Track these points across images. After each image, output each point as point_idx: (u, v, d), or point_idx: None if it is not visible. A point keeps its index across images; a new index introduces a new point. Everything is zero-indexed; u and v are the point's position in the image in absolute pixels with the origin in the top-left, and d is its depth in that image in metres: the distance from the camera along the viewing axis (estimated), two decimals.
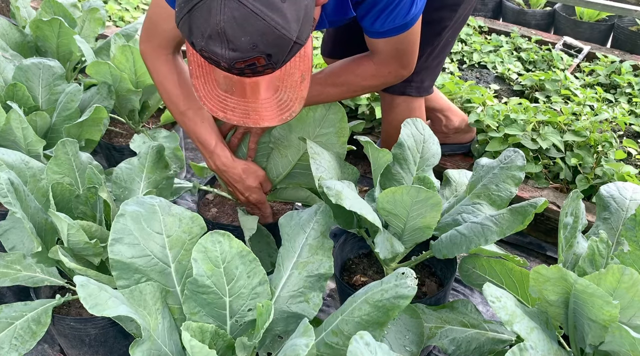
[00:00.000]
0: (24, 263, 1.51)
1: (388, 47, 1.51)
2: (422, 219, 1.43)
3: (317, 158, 1.53)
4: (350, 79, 1.60)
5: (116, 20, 3.58)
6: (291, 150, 1.74)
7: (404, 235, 1.51)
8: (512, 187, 1.48)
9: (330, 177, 1.54)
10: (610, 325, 1.07)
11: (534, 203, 1.31)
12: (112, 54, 2.22)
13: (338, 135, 1.66)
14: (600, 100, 2.52)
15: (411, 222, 1.44)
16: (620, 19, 3.67)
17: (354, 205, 1.32)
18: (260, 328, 1.17)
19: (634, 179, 2.01)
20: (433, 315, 1.45)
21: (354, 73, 1.60)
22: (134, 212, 1.25)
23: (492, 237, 1.33)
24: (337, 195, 1.32)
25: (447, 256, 1.41)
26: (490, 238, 1.33)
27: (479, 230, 1.37)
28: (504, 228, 1.33)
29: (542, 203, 1.30)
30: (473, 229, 1.39)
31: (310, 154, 1.53)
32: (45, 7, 2.56)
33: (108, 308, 1.04)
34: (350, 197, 1.35)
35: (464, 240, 1.38)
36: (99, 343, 1.55)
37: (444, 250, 1.43)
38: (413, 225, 1.46)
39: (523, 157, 1.51)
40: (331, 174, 1.55)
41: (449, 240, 1.43)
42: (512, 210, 1.35)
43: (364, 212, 1.34)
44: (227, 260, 1.22)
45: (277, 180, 1.83)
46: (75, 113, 2.03)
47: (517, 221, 1.32)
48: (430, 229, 1.47)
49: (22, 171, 1.55)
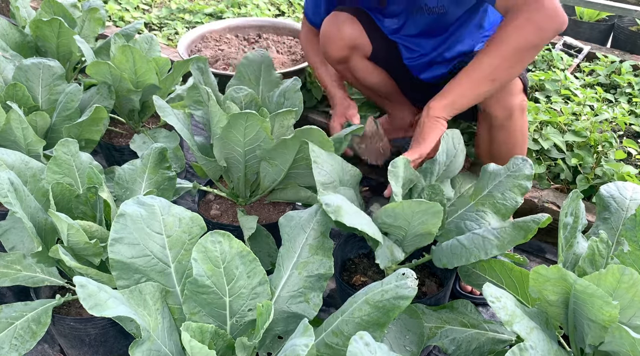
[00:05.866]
0: (24, 263, 1.52)
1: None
2: (424, 226, 1.43)
3: (319, 161, 1.53)
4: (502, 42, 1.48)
5: (116, 20, 3.58)
6: (279, 160, 1.74)
7: (405, 241, 1.51)
8: (518, 196, 1.47)
9: (332, 180, 1.54)
10: (610, 325, 1.07)
11: (537, 219, 1.32)
12: (112, 54, 2.22)
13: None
14: (600, 100, 2.52)
15: (412, 229, 1.45)
16: (620, 19, 3.67)
17: (353, 222, 1.31)
18: (260, 328, 1.17)
19: (634, 179, 2.01)
20: (433, 315, 1.45)
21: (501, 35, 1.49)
22: (134, 212, 1.25)
23: (492, 251, 1.33)
24: (337, 212, 1.31)
25: (446, 266, 1.42)
26: (490, 252, 1.33)
27: (479, 243, 1.36)
28: (505, 242, 1.32)
29: (546, 219, 1.30)
30: (474, 240, 1.38)
31: (313, 158, 1.52)
32: (45, 7, 2.56)
33: (108, 308, 1.04)
34: (350, 212, 1.34)
35: (464, 252, 1.38)
36: (99, 343, 1.55)
37: (443, 259, 1.43)
38: (415, 232, 1.46)
39: (531, 166, 1.49)
40: (333, 177, 1.54)
41: (449, 249, 1.43)
42: (514, 225, 1.35)
43: (365, 227, 1.32)
44: (227, 260, 1.22)
45: (273, 185, 1.84)
46: (75, 113, 2.03)
47: (519, 236, 1.32)
48: (432, 235, 1.47)
49: (22, 171, 1.55)
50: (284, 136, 1.79)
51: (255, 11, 3.65)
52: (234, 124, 1.66)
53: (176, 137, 2.23)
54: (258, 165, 1.80)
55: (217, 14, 3.68)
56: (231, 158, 1.80)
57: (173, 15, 3.71)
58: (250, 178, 1.89)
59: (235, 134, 1.69)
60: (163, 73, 2.27)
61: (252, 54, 2.04)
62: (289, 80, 1.96)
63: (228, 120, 1.65)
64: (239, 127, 1.67)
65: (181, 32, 3.45)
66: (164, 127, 2.39)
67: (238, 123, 1.66)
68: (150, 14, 3.71)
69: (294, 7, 3.80)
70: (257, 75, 2.03)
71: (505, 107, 1.67)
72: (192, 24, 3.57)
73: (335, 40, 1.96)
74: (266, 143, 1.72)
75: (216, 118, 1.70)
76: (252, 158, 1.78)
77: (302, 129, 1.59)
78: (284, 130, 1.81)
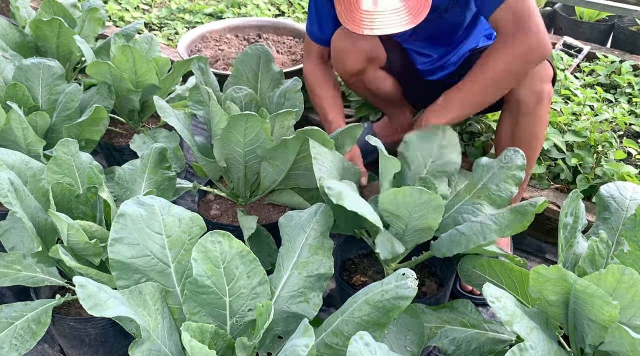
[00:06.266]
0: (24, 263, 1.52)
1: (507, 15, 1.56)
2: (424, 221, 1.43)
3: (320, 158, 1.53)
4: (489, 69, 1.59)
5: (116, 20, 3.58)
6: (279, 160, 1.74)
7: (406, 235, 1.51)
8: (512, 186, 1.49)
9: (333, 177, 1.54)
10: (610, 325, 1.07)
11: (534, 202, 1.32)
12: (112, 54, 2.22)
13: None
14: (600, 100, 2.52)
15: (413, 222, 1.44)
16: (620, 19, 3.67)
17: (354, 206, 1.32)
18: (260, 328, 1.17)
19: (634, 179, 2.01)
20: (433, 315, 1.45)
21: (488, 63, 1.59)
22: (134, 212, 1.25)
23: (491, 235, 1.33)
24: (338, 195, 1.32)
25: (446, 254, 1.41)
26: (489, 236, 1.33)
27: (478, 229, 1.37)
28: (503, 227, 1.33)
29: (542, 203, 1.30)
30: (472, 228, 1.39)
31: (313, 154, 1.52)
32: (45, 7, 2.56)
33: (107, 308, 1.04)
34: (351, 197, 1.35)
35: (463, 239, 1.38)
36: (99, 343, 1.55)
37: (443, 248, 1.43)
38: (415, 226, 1.46)
39: (523, 156, 1.51)
40: (333, 174, 1.55)
41: (448, 238, 1.43)
42: (511, 209, 1.35)
43: (365, 212, 1.33)
44: (227, 260, 1.22)
45: (273, 186, 1.84)
46: (75, 113, 2.03)
47: (517, 220, 1.32)
48: (432, 230, 1.47)
49: (22, 171, 1.55)
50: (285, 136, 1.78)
51: (255, 11, 3.65)
52: (234, 125, 1.66)
53: (176, 137, 2.23)
54: (258, 165, 1.80)
55: (217, 14, 3.68)
56: (231, 158, 1.80)
57: (173, 15, 3.71)
58: (250, 179, 1.89)
59: (236, 135, 1.69)
60: (163, 73, 2.27)
61: (250, 48, 2.02)
62: (290, 81, 1.96)
63: (228, 122, 1.65)
64: (239, 128, 1.67)
65: (181, 32, 3.44)
66: (164, 127, 2.39)
67: (238, 125, 1.66)
68: (150, 14, 3.71)
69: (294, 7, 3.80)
70: (255, 72, 2.02)
71: (536, 92, 1.69)
72: (192, 24, 3.57)
73: (351, 54, 1.93)
74: (266, 144, 1.72)
75: (216, 118, 1.70)
76: (252, 158, 1.78)
77: (303, 130, 1.59)
78: (284, 131, 1.81)
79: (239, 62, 2.01)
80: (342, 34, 1.92)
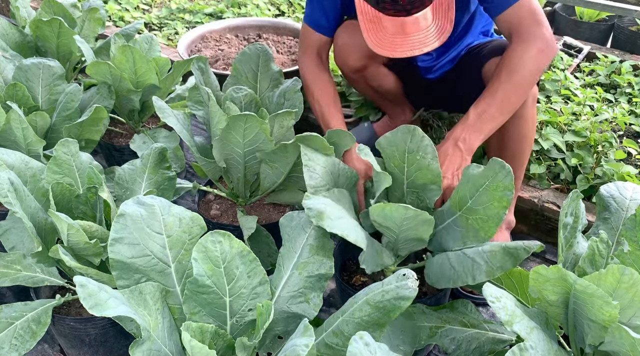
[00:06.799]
0: (24, 263, 1.52)
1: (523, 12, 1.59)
2: (415, 232, 1.43)
3: (311, 165, 1.52)
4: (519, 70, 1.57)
5: (116, 20, 3.58)
6: (279, 163, 1.74)
7: (399, 244, 1.52)
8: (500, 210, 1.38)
9: (324, 183, 1.53)
10: (610, 325, 1.07)
11: (528, 247, 1.29)
12: (112, 54, 2.22)
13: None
14: (600, 100, 2.52)
15: (403, 234, 1.45)
16: (620, 19, 3.67)
17: (334, 227, 1.30)
18: (260, 328, 1.17)
19: (634, 179, 2.01)
20: (433, 314, 1.45)
21: (516, 63, 1.58)
22: (134, 212, 1.25)
23: (481, 277, 1.31)
24: (319, 217, 1.31)
25: (434, 285, 1.43)
26: (478, 278, 1.32)
27: (468, 267, 1.36)
28: (494, 269, 1.31)
29: (537, 247, 1.28)
30: (463, 263, 1.37)
31: (304, 162, 1.51)
32: (45, 7, 2.56)
33: (108, 308, 1.04)
34: (333, 217, 1.32)
35: (452, 274, 1.38)
36: (99, 343, 1.55)
37: (432, 278, 1.44)
38: (406, 237, 1.47)
39: (510, 172, 1.36)
40: (325, 180, 1.54)
41: (439, 269, 1.43)
42: (505, 250, 1.31)
43: (346, 233, 1.31)
44: (228, 260, 1.22)
45: (273, 187, 1.83)
46: (75, 113, 2.03)
47: (509, 263, 1.30)
48: (424, 241, 1.48)
49: (22, 171, 1.55)
50: (284, 138, 1.78)
51: (255, 11, 3.65)
52: (233, 126, 1.66)
53: (176, 137, 2.23)
54: (258, 166, 1.80)
55: (217, 14, 3.68)
56: (231, 159, 1.80)
57: (173, 15, 3.71)
58: (250, 179, 1.89)
59: (235, 135, 1.69)
60: (163, 73, 2.27)
61: (249, 48, 2.01)
62: (289, 81, 1.95)
63: (227, 122, 1.65)
64: (238, 128, 1.67)
65: (181, 32, 3.44)
66: (164, 127, 2.39)
67: (237, 125, 1.66)
68: (150, 14, 3.71)
69: (294, 7, 3.80)
70: (254, 72, 2.01)
71: None
72: (192, 24, 3.57)
73: (354, 50, 1.92)
74: (265, 144, 1.72)
75: (216, 119, 1.70)
76: (251, 159, 1.78)
77: (303, 136, 1.59)
78: (283, 131, 1.81)
79: (238, 61, 2.01)
80: (345, 29, 1.93)
